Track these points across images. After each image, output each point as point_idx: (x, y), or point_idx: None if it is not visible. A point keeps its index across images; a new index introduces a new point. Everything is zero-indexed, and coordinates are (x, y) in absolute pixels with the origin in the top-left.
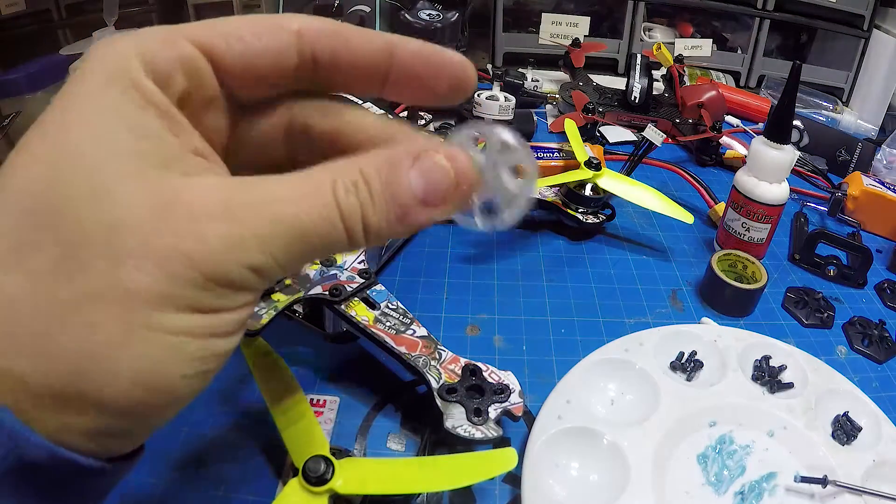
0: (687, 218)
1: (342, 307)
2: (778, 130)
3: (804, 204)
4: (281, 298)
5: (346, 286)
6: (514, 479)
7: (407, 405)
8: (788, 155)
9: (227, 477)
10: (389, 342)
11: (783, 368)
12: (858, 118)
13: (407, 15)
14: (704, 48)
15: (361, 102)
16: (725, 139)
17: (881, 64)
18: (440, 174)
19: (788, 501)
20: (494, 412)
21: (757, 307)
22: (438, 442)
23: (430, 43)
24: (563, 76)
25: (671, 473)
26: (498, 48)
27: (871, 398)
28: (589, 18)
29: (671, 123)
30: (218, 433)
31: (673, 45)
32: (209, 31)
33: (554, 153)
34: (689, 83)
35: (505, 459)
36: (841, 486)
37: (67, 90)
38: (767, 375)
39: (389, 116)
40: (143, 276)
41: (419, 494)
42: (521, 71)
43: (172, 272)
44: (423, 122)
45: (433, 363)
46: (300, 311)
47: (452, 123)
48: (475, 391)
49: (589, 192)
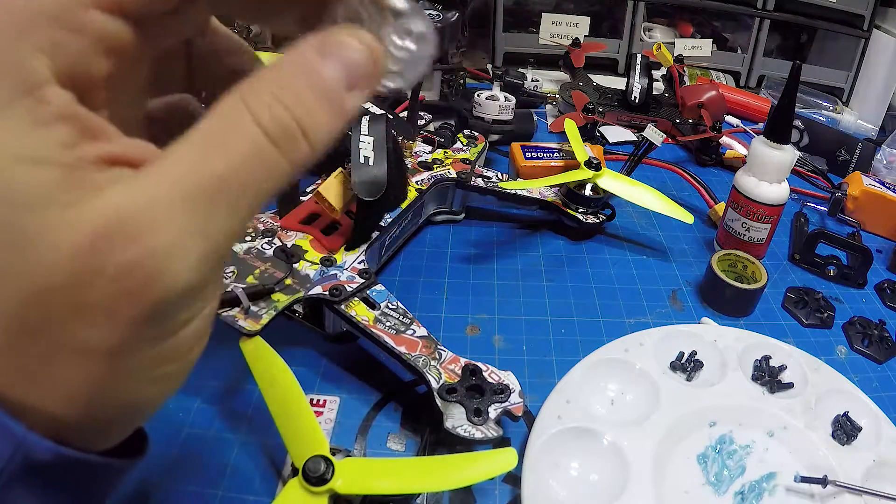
0: (687, 218)
1: (342, 307)
2: (778, 130)
3: (804, 204)
4: (281, 298)
5: (346, 286)
6: (514, 479)
7: (407, 405)
8: (788, 155)
9: (227, 477)
10: (389, 342)
11: (783, 368)
12: (858, 118)
13: None
14: (704, 48)
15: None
16: (725, 139)
17: (881, 64)
18: (355, 54)
19: (788, 501)
20: (494, 412)
21: (757, 307)
22: (438, 442)
23: None
24: (563, 76)
25: (671, 473)
26: (498, 48)
27: (871, 398)
28: (589, 18)
29: (671, 123)
30: (218, 433)
31: (673, 45)
32: None
33: (554, 153)
34: (689, 83)
35: (505, 459)
36: (841, 486)
37: None
38: (767, 375)
39: (389, 115)
40: (95, 332)
41: (419, 494)
42: (521, 71)
43: (121, 319)
44: (422, 121)
45: (433, 363)
46: (300, 311)
47: (452, 123)
48: (475, 391)
49: (589, 192)
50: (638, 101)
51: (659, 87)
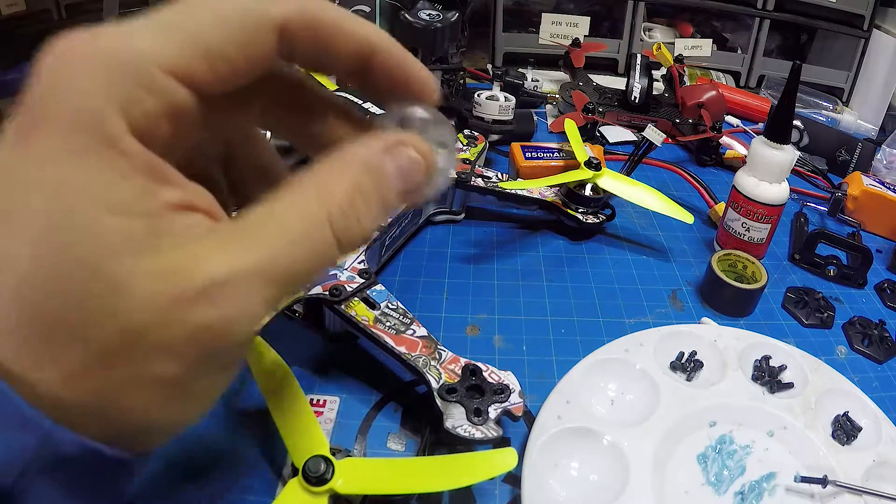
0: (687, 218)
1: (342, 307)
2: (778, 130)
3: (804, 204)
4: None
5: (346, 286)
6: (514, 479)
7: (407, 405)
8: (788, 155)
9: (227, 477)
10: (389, 342)
11: (783, 368)
12: (858, 118)
13: (407, 15)
14: (704, 48)
15: (362, 102)
16: (725, 139)
17: (881, 64)
18: (414, 167)
19: (788, 501)
20: (494, 412)
21: (757, 307)
22: (438, 442)
23: (405, 51)
24: (563, 76)
25: (671, 473)
26: (498, 48)
27: (871, 398)
28: (589, 18)
29: (671, 123)
30: (218, 433)
31: (673, 45)
32: (188, 49)
33: (554, 153)
34: (689, 83)
35: (505, 459)
36: (841, 486)
37: (19, 141)
38: (767, 375)
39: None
40: (166, 365)
41: (419, 494)
42: (521, 71)
43: (194, 357)
44: None
45: (433, 363)
46: (300, 311)
47: (452, 124)
48: (475, 391)
49: (589, 192)
50: (638, 101)
51: (659, 87)
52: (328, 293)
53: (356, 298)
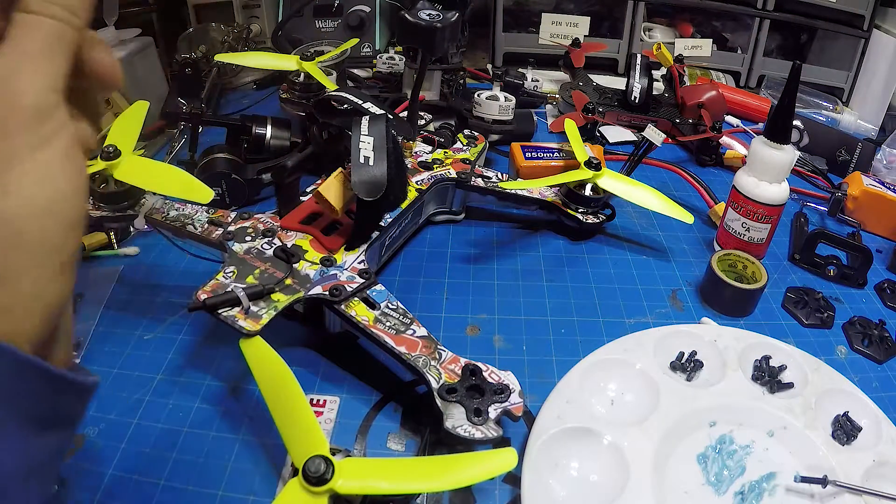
0: (687, 218)
1: (342, 307)
2: (778, 130)
3: (804, 204)
4: (281, 298)
5: (345, 286)
6: (514, 479)
7: (407, 405)
8: (788, 155)
9: (227, 477)
10: (389, 342)
11: (783, 368)
12: (858, 118)
13: (407, 15)
14: (704, 48)
15: (362, 103)
16: (725, 139)
17: (881, 64)
18: None
19: (788, 501)
20: (494, 412)
21: (757, 307)
22: (438, 442)
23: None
24: (563, 76)
25: (671, 473)
26: (498, 48)
27: (871, 398)
28: (589, 18)
29: (671, 123)
30: (218, 433)
31: (673, 45)
32: None
33: (554, 153)
34: (689, 83)
35: (505, 459)
36: (841, 486)
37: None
38: (767, 375)
39: (389, 115)
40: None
41: (419, 494)
42: (521, 71)
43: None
44: (422, 121)
45: (433, 363)
46: (300, 310)
47: (452, 124)
48: (475, 391)
49: (589, 192)
50: (638, 101)
51: (659, 87)
52: (328, 293)
53: (356, 298)
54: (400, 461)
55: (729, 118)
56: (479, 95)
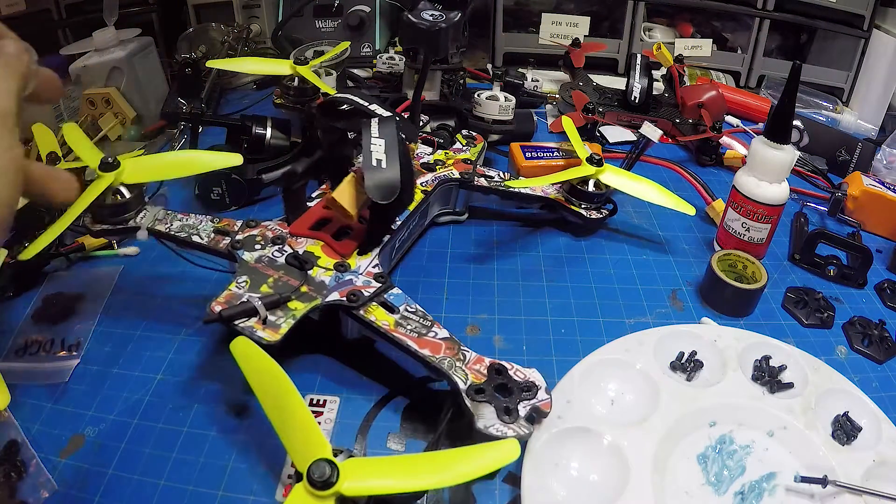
0: (689, 210)
1: (361, 312)
2: (778, 130)
3: (804, 204)
4: (298, 306)
5: (363, 291)
6: (514, 478)
7: (407, 405)
8: (788, 155)
9: (227, 477)
10: (413, 346)
11: (783, 368)
12: (858, 118)
13: (410, 16)
14: (704, 48)
15: (368, 105)
16: (725, 139)
17: (881, 64)
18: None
19: (788, 501)
20: (524, 410)
21: (757, 307)
22: (444, 437)
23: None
24: (563, 76)
25: (671, 473)
26: (498, 48)
27: (871, 398)
28: (589, 18)
29: (671, 123)
30: (217, 433)
31: (673, 45)
32: None
33: (554, 152)
34: (689, 83)
35: (508, 450)
36: (841, 486)
37: None
38: (767, 375)
39: (398, 117)
40: None
41: (424, 492)
42: (521, 71)
43: None
44: (421, 123)
45: (458, 364)
46: (315, 318)
47: (451, 125)
48: (503, 390)
49: (591, 188)
50: (638, 101)
51: (659, 87)
52: (346, 299)
53: (374, 303)
54: (403, 459)
55: (729, 118)
56: (479, 95)
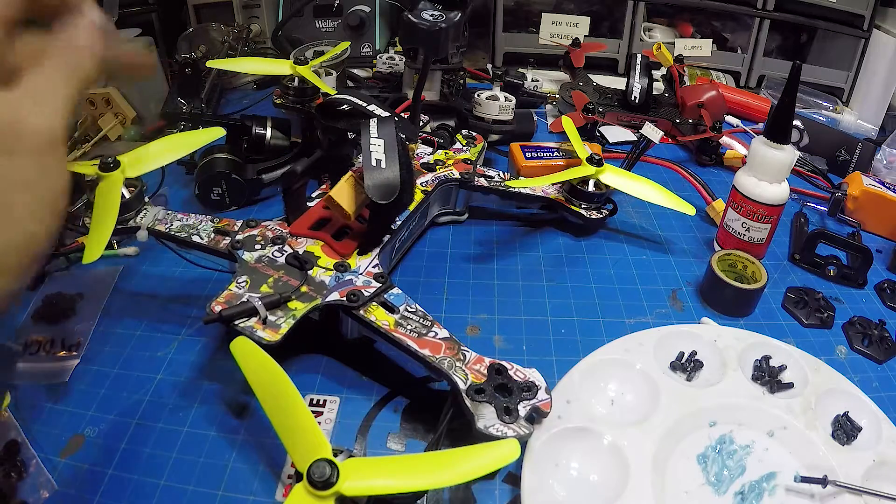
0: (689, 210)
1: (361, 312)
2: (778, 130)
3: (804, 204)
4: (298, 306)
5: (363, 291)
6: (514, 478)
7: (407, 405)
8: (788, 155)
9: (227, 477)
10: (413, 346)
11: (783, 368)
12: (858, 118)
13: (410, 16)
14: (704, 48)
15: (367, 105)
16: (725, 139)
17: (881, 64)
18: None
19: (788, 501)
20: (524, 410)
21: (757, 307)
22: (444, 437)
23: None
24: (563, 76)
25: (671, 473)
26: (498, 48)
27: (871, 398)
28: (589, 18)
29: (671, 123)
30: (217, 433)
31: (673, 45)
32: None
33: (553, 152)
34: (689, 83)
35: (508, 450)
36: (841, 486)
37: None
38: (767, 375)
39: (398, 117)
40: None
41: (424, 492)
42: (521, 71)
43: None
44: (421, 122)
45: (458, 364)
46: (315, 318)
47: (452, 125)
48: (503, 390)
49: (592, 187)
50: (638, 101)
51: (659, 87)
52: (346, 299)
53: (374, 303)
54: (403, 459)
55: (729, 118)
56: (479, 95)
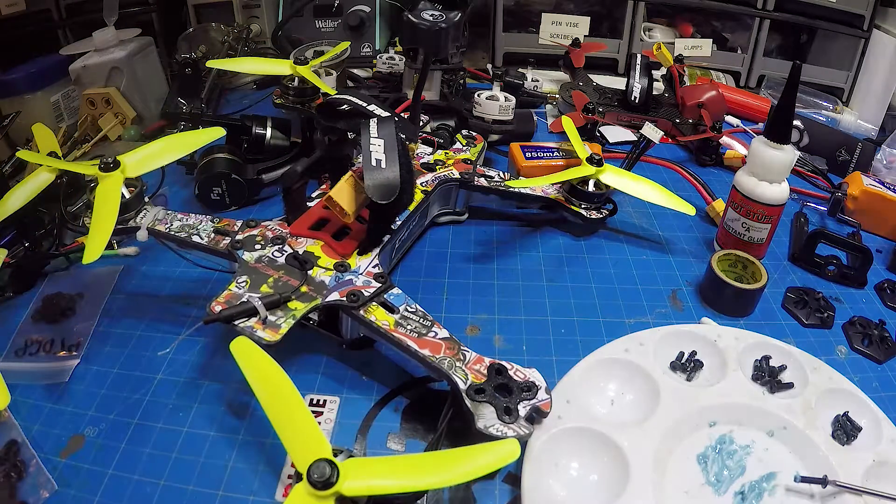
0: (689, 210)
1: (361, 312)
2: (778, 130)
3: (804, 204)
4: (298, 306)
5: (363, 291)
6: (514, 479)
7: (407, 405)
8: (788, 155)
9: (227, 477)
10: (413, 346)
11: (783, 368)
12: (858, 118)
13: (410, 16)
14: (704, 48)
15: (367, 105)
16: (725, 139)
17: (881, 64)
18: None
19: (788, 501)
20: (524, 410)
21: (757, 307)
22: (444, 437)
23: None
24: (563, 76)
25: (671, 473)
26: (498, 48)
27: (871, 398)
28: (589, 18)
29: (671, 123)
30: (217, 433)
31: (673, 45)
32: None
33: (553, 152)
34: (689, 83)
35: (508, 450)
36: (841, 486)
37: None
38: (767, 375)
39: (398, 117)
40: None
41: (424, 492)
42: (521, 71)
43: None
44: (421, 122)
45: (458, 364)
46: (315, 318)
47: (451, 125)
48: (503, 390)
49: (592, 187)
50: (638, 101)
51: (659, 87)
52: (346, 299)
53: (374, 303)
54: (403, 459)
55: (729, 118)
56: (479, 95)
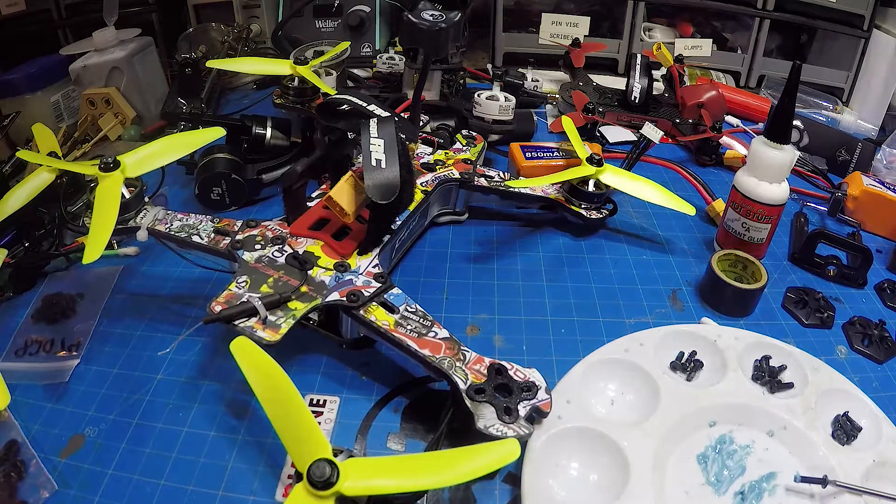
0: (689, 210)
1: (361, 312)
2: (778, 130)
3: (804, 204)
4: (298, 306)
5: (363, 291)
6: (514, 479)
7: (407, 405)
8: (788, 155)
9: (226, 477)
10: (413, 346)
11: (783, 368)
12: (858, 118)
13: (410, 16)
14: (704, 48)
15: (367, 105)
16: (725, 139)
17: (881, 64)
18: None
19: (788, 501)
20: (524, 410)
21: (757, 307)
22: (444, 437)
23: None
24: (563, 76)
25: (671, 473)
26: (498, 48)
27: (871, 398)
28: (589, 18)
29: (671, 123)
30: (217, 433)
31: (673, 45)
32: None
33: (553, 152)
34: (689, 83)
35: (508, 450)
36: (841, 486)
37: None
38: (767, 375)
39: (398, 117)
40: None
41: (424, 492)
42: (521, 71)
43: None
44: (421, 122)
45: (458, 364)
46: (314, 318)
47: (451, 125)
48: (503, 390)
49: (592, 187)
50: (638, 101)
51: (659, 87)
52: (346, 299)
53: (374, 303)
54: (403, 459)
55: (729, 118)
56: (479, 95)
